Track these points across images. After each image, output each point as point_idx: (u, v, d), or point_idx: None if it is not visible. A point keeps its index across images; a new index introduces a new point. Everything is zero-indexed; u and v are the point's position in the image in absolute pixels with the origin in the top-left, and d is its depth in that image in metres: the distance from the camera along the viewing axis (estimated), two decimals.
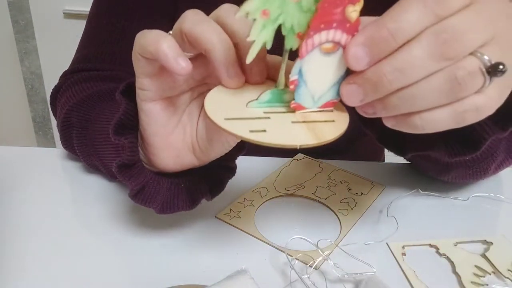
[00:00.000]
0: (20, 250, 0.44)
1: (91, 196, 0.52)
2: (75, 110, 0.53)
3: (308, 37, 0.29)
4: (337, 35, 0.29)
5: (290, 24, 0.29)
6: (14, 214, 0.49)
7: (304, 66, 0.30)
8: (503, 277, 0.43)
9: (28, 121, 1.83)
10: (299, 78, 0.31)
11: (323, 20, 0.29)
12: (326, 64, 0.31)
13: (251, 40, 0.29)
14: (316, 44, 0.29)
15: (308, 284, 0.40)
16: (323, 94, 0.32)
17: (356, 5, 0.29)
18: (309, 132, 0.31)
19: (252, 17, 0.28)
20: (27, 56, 1.66)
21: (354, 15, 0.29)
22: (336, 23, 0.29)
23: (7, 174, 0.55)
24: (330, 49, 0.30)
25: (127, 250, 0.45)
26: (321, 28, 0.29)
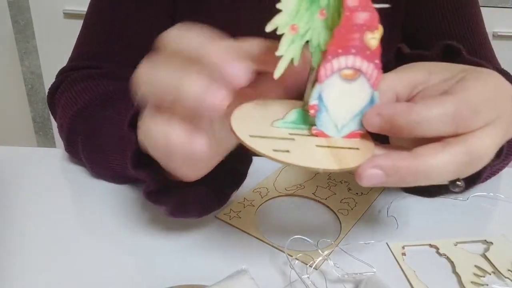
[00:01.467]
0: (20, 250, 0.44)
1: (91, 196, 0.52)
2: (79, 117, 0.53)
3: (326, 61, 0.29)
4: (357, 61, 0.29)
5: (317, 42, 0.30)
6: (14, 214, 0.49)
7: (324, 91, 0.30)
8: (503, 277, 0.43)
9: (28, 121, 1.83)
10: (319, 104, 0.30)
11: (340, 45, 0.29)
12: (348, 91, 0.30)
13: (279, 55, 0.29)
14: (335, 69, 0.29)
15: (308, 284, 0.40)
16: (347, 123, 0.32)
17: (375, 32, 0.29)
18: (332, 157, 0.30)
19: (281, 31, 0.28)
20: (27, 56, 1.66)
21: (374, 42, 0.29)
22: (355, 50, 0.29)
23: (7, 174, 0.55)
24: (350, 76, 0.30)
25: (127, 250, 0.45)
26: (339, 53, 0.29)
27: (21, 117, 1.84)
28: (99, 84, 0.55)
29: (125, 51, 0.61)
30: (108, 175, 0.53)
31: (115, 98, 0.53)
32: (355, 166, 0.30)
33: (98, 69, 0.58)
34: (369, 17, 0.28)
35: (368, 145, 0.32)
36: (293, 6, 0.28)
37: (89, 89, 0.55)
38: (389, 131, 0.32)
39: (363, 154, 0.32)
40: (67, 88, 0.57)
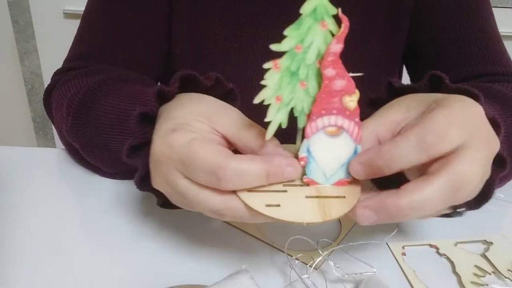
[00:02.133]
0: (20, 250, 0.44)
1: (91, 196, 0.52)
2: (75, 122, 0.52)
3: (311, 121, 0.34)
4: (338, 120, 0.34)
5: (301, 107, 0.34)
6: (14, 214, 0.49)
7: (311, 146, 0.35)
8: (503, 277, 0.43)
9: (28, 121, 1.83)
10: (308, 156, 0.35)
11: (323, 107, 0.33)
12: (333, 145, 0.35)
13: (269, 121, 0.33)
14: (319, 127, 0.34)
15: (308, 284, 0.40)
16: (335, 172, 0.36)
17: (353, 96, 0.33)
18: (318, 209, 0.34)
19: (267, 102, 0.33)
20: (27, 56, 1.66)
21: (352, 104, 0.33)
22: (336, 110, 0.33)
23: (7, 174, 0.55)
24: (334, 132, 0.34)
25: (127, 250, 0.44)
26: (323, 114, 0.34)
27: (21, 117, 1.84)
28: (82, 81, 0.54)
29: (120, 52, 0.61)
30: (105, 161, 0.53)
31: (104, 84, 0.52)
32: (337, 217, 0.34)
33: (91, 68, 0.58)
34: (345, 84, 0.33)
35: (354, 191, 0.36)
36: (276, 81, 0.32)
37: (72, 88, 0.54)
38: (374, 173, 0.34)
39: (348, 202, 0.35)
40: (57, 89, 0.56)
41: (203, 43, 0.64)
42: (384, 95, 0.43)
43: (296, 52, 0.32)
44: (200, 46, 0.65)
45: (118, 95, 0.49)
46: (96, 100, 0.50)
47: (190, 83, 0.42)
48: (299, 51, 0.32)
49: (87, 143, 0.51)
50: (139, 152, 0.40)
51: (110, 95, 0.50)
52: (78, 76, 0.55)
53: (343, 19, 0.31)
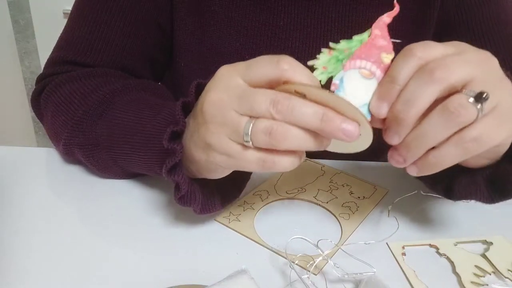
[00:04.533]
0: (20, 250, 0.44)
1: (91, 196, 0.52)
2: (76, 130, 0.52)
3: (351, 59, 0.39)
4: (373, 67, 0.39)
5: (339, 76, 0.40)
6: (14, 214, 0.49)
7: (345, 77, 0.39)
8: (503, 277, 0.43)
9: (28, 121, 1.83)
10: (339, 83, 0.39)
11: (363, 53, 0.39)
12: (362, 85, 0.39)
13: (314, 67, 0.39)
14: (356, 66, 0.39)
15: (308, 284, 0.40)
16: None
17: (389, 54, 0.39)
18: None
19: (316, 67, 0.39)
20: (27, 56, 1.66)
21: (386, 60, 0.39)
22: (373, 59, 0.39)
23: (7, 174, 0.55)
24: (366, 75, 0.39)
25: (128, 250, 0.45)
26: (362, 58, 0.39)
27: (21, 117, 1.84)
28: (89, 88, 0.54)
29: (103, 59, 0.60)
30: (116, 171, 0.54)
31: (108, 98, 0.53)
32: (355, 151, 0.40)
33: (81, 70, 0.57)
34: (386, 44, 0.39)
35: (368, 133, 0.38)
36: (325, 59, 0.39)
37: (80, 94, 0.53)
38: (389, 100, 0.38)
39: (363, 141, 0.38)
40: (53, 93, 0.55)
41: (208, 53, 0.64)
42: None
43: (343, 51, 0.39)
44: (205, 56, 0.64)
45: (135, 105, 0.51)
46: (112, 104, 0.52)
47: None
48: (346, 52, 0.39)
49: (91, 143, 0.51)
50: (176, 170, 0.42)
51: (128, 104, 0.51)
52: (79, 78, 0.55)
53: (395, 4, 0.39)
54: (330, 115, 0.35)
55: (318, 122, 0.35)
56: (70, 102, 0.53)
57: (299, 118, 0.36)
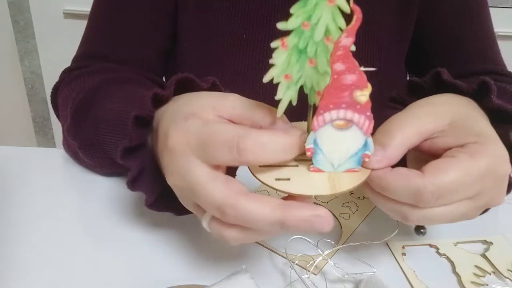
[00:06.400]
0: (20, 250, 0.44)
1: (91, 196, 0.52)
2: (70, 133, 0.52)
3: (318, 114, 0.32)
4: (348, 114, 0.32)
5: (310, 84, 0.33)
6: (14, 214, 0.49)
7: (318, 138, 0.33)
8: (503, 277, 0.43)
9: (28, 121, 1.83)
10: (315, 147, 0.34)
11: (331, 101, 0.32)
12: (341, 138, 0.33)
13: (279, 99, 0.32)
14: (327, 120, 0.33)
15: (308, 284, 0.40)
16: (343, 163, 0.35)
17: (364, 90, 0.31)
18: (328, 181, 0.34)
19: (276, 81, 0.32)
20: (27, 56, 1.66)
21: (363, 98, 0.31)
22: (345, 105, 0.32)
23: (7, 174, 0.55)
24: (342, 125, 0.33)
25: (127, 250, 0.44)
26: (330, 108, 0.32)
27: (21, 117, 1.84)
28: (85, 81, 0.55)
29: (123, 51, 0.63)
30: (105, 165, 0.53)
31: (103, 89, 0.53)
32: (347, 190, 0.33)
33: (93, 67, 0.59)
34: (356, 78, 0.31)
35: (364, 171, 0.35)
36: (284, 59, 0.31)
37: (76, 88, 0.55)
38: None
39: (359, 176, 0.35)
40: (63, 89, 0.57)
41: (211, 35, 0.65)
42: (428, 83, 0.44)
43: (303, 30, 0.31)
44: (208, 38, 0.65)
45: (116, 97, 0.49)
46: (96, 100, 0.51)
47: (186, 86, 0.42)
48: (306, 28, 0.31)
49: (85, 142, 0.51)
50: (134, 154, 0.40)
51: (110, 96, 0.50)
52: (83, 75, 0.56)
53: (355, 10, 0.29)
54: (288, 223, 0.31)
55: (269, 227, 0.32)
56: (67, 102, 0.54)
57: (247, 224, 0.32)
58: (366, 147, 0.34)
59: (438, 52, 0.66)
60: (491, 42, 0.65)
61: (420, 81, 0.45)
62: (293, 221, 0.30)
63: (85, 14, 1.49)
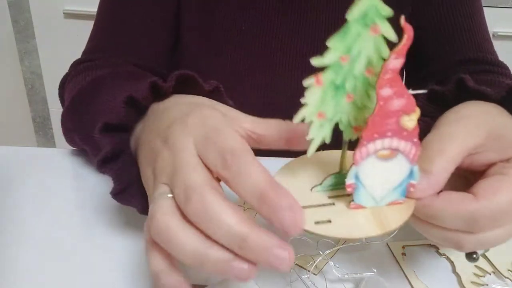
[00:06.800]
0: (20, 250, 0.44)
1: (91, 196, 0.52)
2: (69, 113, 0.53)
3: (361, 145, 0.29)
4: (393, 143, 0.30)
5: (347, 120, 0.31)
6: (14, 214, 0.49)
7: (360, 172, 0.30)
8: (503, 277, 0.43)
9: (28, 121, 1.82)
10: (356, 182, 0.31)
11: (375, 130, 0.29)
12: (385, 169, 0.31)
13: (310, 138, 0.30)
14: (371, 152, 0.30)
15: (308, 284, 0.40)
16: (386, 195, 0.32)
17: (412, 114, 0.29)
18: (373, 219, 0.31)
19: (308, 120, 0.29)
20: (27, 56, 1.66)
21: (411, 124, 0.29)
22: (391, 132, 0.29)
23: (7, 174, 0.55)
24: (387, 156, 0.30)
25: (127, 250, 0.44)
26: (375, 138, 0.29)
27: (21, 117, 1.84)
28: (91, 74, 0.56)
29: (130, 46, 0.63)
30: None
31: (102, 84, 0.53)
32: (397, 227, 0.31)
33: (96, 61, 0.59)
34: (404, 102, 0.28)
35: (409, 202, 0.33)
36: (318, 97, 0.29)
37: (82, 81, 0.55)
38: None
39: (405, 209, 0.32)
40: (69, 81, 0.58)
41: (211, 27, 0.65)
42: (452, 91, 0.41)
43: (341, 64, 0.28)
44: (208, 30, 0.66)
45: (117, 87, 0.48)
46: (97, 90, 0.50)
47: (187, 85, 0.42)
48: (345, 62, 0.28)
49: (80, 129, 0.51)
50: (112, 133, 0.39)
51: (111, 87, 0.49)
52: (89, 68, 0.57)
53: (406, 28, 0.26)
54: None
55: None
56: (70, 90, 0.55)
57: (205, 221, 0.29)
58: (411, 176, 0.32)
59: (431, 41, 0.66)
60: (484, 32, 0.65)
61: (442, 89, 0.42)
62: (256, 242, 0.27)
63: (85, 14, 1.49)
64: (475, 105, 0.39)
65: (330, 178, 0.33)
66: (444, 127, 0.36)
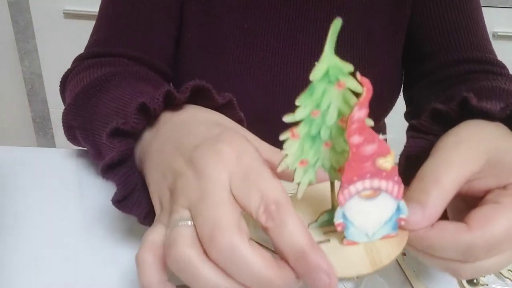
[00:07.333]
0: (20, 250, 0.44)
1: (91, 196, 0.52)
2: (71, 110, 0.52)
3: (343, 188, 0.30)
4: (374, 183, 0.30)
5: (329, 164, 0.32)
6: (14, 214, 0.49)
7: (347, 212, 0.31)
8: (503, 277, 0.43)
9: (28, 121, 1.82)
10: (344, 221, 0.32)
11: (354, 174, 0.30)
12: (371, 207, 0.31)
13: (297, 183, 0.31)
14: (353, 193, 0.31)
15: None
16: (377, 231, 0.33)
17: (387, 156, 0.30)
18: (366, 255, 0.32)
19: (292, 168, 0.31)
20: (27, 56, 1.66)
21: (388, 165, 0.30)
22: (370, 174, 0.30)
23: (7, 174, 0.55)
24: (371, 195, 0.31)
25: (127, 249, 0.44)
26: (355, 180, 0.30)
27: (21, 117, 1.84)
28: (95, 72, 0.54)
29: (135, 36, 0.63)
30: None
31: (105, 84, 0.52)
32: (389, 263, 0.31)
33: (102, 58, 0.58)
34: (377, 146, 0.29)
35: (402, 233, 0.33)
36: (296, 148, 0.30)
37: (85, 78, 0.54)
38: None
39: (398, 243, 0.33)
40: (73, 78, 0.57)
41: (214, 25, 0.65)
42: (455, 110, 0.40)
43: (313, 118, 0.29)
44: (211, 28, 0.66)
45: (126, 88, 0.47)
46: (103, 88, 0.49)
47: (200, 95, 0.40)
48: (316, 116, 0.29)
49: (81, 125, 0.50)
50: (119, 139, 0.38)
51: (119, 87, 0.48)
52: (93, 66, 0.56)
53: (364, 82, 0.27)
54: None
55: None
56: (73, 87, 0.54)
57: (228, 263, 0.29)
58: (399, 211, 0.32)
59: (429, 40, 0.66)
60: (482, 31, 0.66)
61: (445, 109, 0.41)
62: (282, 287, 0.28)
63: (85, 14, 1.49)
64: (476, 126, 0.38)
65: (324, 215, 0.34)
66: (442, 152, 0.35)
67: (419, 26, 0.66)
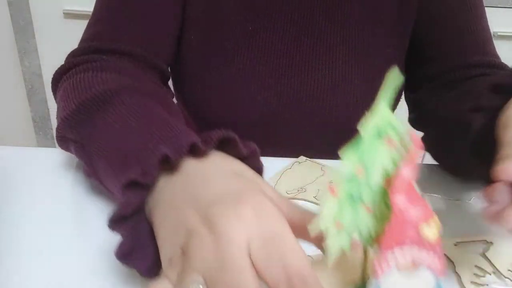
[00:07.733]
0: (19, 250, 0.44)
1: (91, 196, 0.52)
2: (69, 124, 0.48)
3: (381, 257, 0.27)
4: (415, 253, 0.28)
5: (367, 232, 0.29)
6: (14, 214, 0.49)
7: (382, 285, 0.28)
8: (503, 277, 0.43)
9: (28, 121, 1.82)
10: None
11: (394, 240, 0.27)
12: (410, 282, 0.28)
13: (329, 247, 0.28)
14: (391, 264, 0.28)
15: None
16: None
17: (432, 222, 0.27)
18: None
19: (325, 230, 0.28)
20: (27, 56, 1.66)
21: (431, 234, 0.27)
22: (411, 242, 0.27)
23: (7, 174, 0.55)
24: (409, 268, 0.28)
25: None
26: (394, 248, 0.27)
27: (21, 117, 1.84)
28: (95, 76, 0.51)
29: (133, 31, 0.61)
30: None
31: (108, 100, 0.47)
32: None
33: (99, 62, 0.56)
34: (422, 211, 0.27)
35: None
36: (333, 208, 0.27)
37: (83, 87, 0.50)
38: None
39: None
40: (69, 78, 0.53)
41: (217, 27, 0.65)
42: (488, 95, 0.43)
43: (356, 175, 0.27)
44: (214, 30, 0.65)
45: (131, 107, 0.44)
46: (106, 104, 0.46)
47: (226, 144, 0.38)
48: (359, 174, 0.27)
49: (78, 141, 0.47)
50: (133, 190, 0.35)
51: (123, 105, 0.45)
52: (92, 69, 0.53)
53: (414, 139, 0.26)
54: None
55: None
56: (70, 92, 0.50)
57: None
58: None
59: (434, 44, 0.66)
60: (488, 35, 0.66)
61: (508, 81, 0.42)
62: None
63: (85, 14, 1.49)
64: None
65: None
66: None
67: (424, 31, 0.66)
